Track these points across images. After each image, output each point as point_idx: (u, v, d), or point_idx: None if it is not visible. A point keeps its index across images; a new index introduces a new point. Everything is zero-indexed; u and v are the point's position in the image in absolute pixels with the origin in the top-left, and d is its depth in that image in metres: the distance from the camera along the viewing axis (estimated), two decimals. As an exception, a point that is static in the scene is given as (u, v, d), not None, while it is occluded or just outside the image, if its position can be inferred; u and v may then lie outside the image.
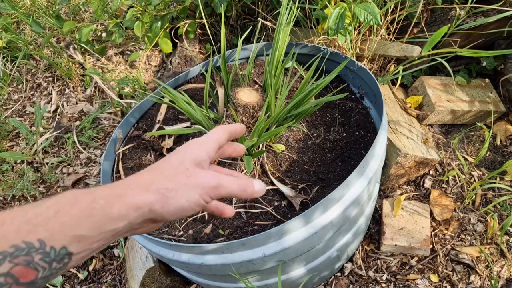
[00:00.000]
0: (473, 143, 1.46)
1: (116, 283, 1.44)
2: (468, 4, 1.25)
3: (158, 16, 1.62)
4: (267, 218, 0.94)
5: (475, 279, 1.18)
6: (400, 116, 1.41)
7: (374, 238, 1.32)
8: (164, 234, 0.97)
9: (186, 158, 0.44)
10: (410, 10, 1.36)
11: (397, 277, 1.23)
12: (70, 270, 1.50)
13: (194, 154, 0.45)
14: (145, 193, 0.40)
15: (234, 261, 0.83)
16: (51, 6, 2.19)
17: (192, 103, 0.98)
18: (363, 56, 1.45)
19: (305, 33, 1.59)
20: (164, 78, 1.85)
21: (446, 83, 1.49)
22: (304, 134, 1.09)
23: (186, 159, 0.44)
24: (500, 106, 1.45)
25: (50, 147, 1.91)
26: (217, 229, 0.95)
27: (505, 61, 1.51)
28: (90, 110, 1.99)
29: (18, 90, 2.19)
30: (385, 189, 1.41)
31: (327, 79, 0.94)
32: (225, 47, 1.05)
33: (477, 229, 1.28)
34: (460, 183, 1.38)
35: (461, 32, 1.41)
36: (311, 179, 1.01)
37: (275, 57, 1.03)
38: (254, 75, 1.28)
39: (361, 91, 1.19)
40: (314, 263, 1.01)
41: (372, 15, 1.14)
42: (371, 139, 1.05)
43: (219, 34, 1.86)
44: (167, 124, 1.23)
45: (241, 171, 0.98)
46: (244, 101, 0.94)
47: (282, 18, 1.04)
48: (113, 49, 2.05)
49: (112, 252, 1.53)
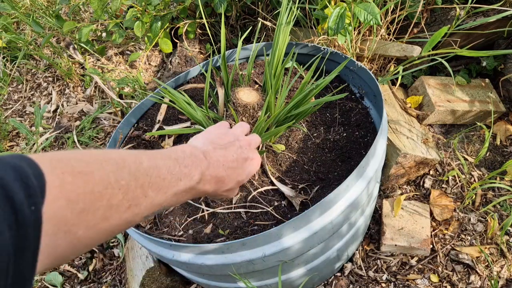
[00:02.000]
0: (473, 143, 1.46)
1: (116, 283, 1.44)
2: (468, 4, 1.25)
3: (158, 16, 1.62)
4: (267, 218, 0.94)
5: (475, 279, 1.18)
6: (400, 116, 1.41)
7: (374, 238, 1.32)
8: (164, 234, 0.97)
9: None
10: (410, 10, 1.36)
11: (397, 277, 1.23)
12: (70, 270, 1.50)
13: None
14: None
15: (234, 261, 0.83)
16: (51, 6, 2.19)
17: (192, 103, 0.98)
18: (363, 56, 1.45)
19: (305, 33, 1.59)
20: (164, 78, 1.85)
21: (446, 83, 1.49)
22: (304, 134, 1.09)
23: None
24: (500, 106, 1.45)
25: (50, 147, 1.91)
26: (217, 229, 0.95)
27: (505, 61, 1.51)
28: (90, 110, 1.99)
29: (18, 90, 2.19)
30: (385, 189, 1.41)
31: (327, 79, 0.94)
32: (225, 47, 1.05)
33: (477, 229, 1.28)
34: (460, 183, 1.38)
35: (461, 32, 1.41)
36: (311, 179, 1.01)
37: (275, 57, 1.03)
38: (254, 75, 1.28)
39: (361, 91, 1.19)
40: (314, 263, 1.01)
41: (372, 15, 1.14)
42: (371, 139, 1.05)
43: (219, 34, 1.85)
44: (167, 124, 1.23)
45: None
46: (244, 101, 0.94)
47: (282, 18, 1.04)
48: (113, 49, 2.05)
49: (112, 252, 1.53)
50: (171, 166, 0.46)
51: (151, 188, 0.42)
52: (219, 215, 0.97)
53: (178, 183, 0.46)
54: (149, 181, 0.42)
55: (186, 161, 0.48)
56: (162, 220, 1.01)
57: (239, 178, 0.59)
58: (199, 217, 1.00)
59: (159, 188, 0.43)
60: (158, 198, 0.43)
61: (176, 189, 0.46)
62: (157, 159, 0.45)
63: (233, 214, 0.96)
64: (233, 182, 0.58)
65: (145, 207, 0.41)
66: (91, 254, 1.54)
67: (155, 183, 0.43)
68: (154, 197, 0.42)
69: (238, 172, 0.58)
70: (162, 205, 0.45)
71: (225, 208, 0.97)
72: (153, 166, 0.43)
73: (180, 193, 0.47)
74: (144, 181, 0.41)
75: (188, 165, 0.48)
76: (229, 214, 0.96)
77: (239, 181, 0.59)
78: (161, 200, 0.44)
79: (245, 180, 0.61)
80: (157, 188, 0.43)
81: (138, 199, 0.40)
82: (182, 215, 1.02)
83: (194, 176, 0.49)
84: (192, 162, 0.49)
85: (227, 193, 0.59)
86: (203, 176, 0.51)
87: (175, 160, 0.47)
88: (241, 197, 0.98)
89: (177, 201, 0.47)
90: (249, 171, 0.61)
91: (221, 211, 0.97)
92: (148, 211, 0.42)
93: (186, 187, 0.47)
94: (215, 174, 0.53)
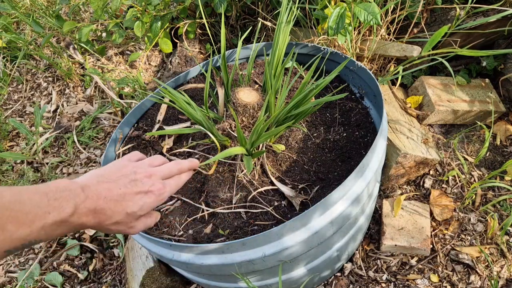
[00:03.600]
0: (473, 143, 1.46)
1: (116, 283, 1.44)
2: (468, 4, 1.25)
3: (158, 16, 1.62)
4: (267, 218, 0.94)
5: (475, 279, 1.18)
6: (400, 116, 1.41)
7: (374, 238, 1.32)
8: (164, 234, 0.97)
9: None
10: (410, 10, 1.36)
11: (397, 277, 1.23)
12: (70, 270, 1.51)
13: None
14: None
15: (234, 261, 0.83)
16: (51, 6, 2.20)
17: (192, 103, 0.98)
18: (363, 56, 1.45)
19: (305, 33, 1.60)
20: (164, 78, 1.85)
21: (446, 83, 1.49)
22: (304, 134, 1.09)
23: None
24: (500, 106, 1.45)
25: (50, 147, 1.91)
26: (217, 229, 0.95)
27: (505, 61, 1.51)
28: (90, 110, 1.99)
29: (18, 90, 2.19)
30: (385, 189, 1.41)
31: (327, 79, 0.94)
32: (225, 47, 1.05)
33: (477, 229, 1.28)
34: (460, 183, 1.38)
35: (461, 32, 1.41)
36: (311, 179, 1.01)
37: (275, 57, 1.03)
38: (254, 75, 1.28)
39: (361, 91, 1.19)
40: (314, 263, 1.01)
41: (372, 15, 1.14)
42: (371, 139, 1.05)
43: (219, 34, 1.85)
44: (167, 124, 1.23)
45: (241, 171, 0.98)
46: (244, 101, 0.94)
47: (282, 18, 1.04)
48: (113, 49, 2.05)
49: (112, 252, 1.53)
50: (38, 200, 0.46)
51: (11, 223, 0.43)
52: (219, 215, 0.97)
53: (46, 216, 0.46)
54: (8, 215, 0.43)
55: (57, 195, 0.48)
56: (162, 220, 1.01)
57: (128, 210, 0.56)
58: (199, 217, 1.00)
59: (21, 222, 0.44)
60: (19, 232, 0.44)
61: (43, 223, 0.46)
62: (22, 194, 0.45)
63: (233, 214, 0.96)
64: (121, 215, 0.56)
65: (3, 240, 0.42)
66: (91, 254, 1.54)
67: (16, 217, 0.43)
68: (14, 231, 0.43)
69: (126, 205, 0.56)
70: (27, 240, 0.45)
71: (225, 208, 0.97)
72: (16, 201, 0.44)
73: (50, 227, 0.47)
74: (2, 215, 0.42)
75: (58, 198, 0.48)
76: (229, 214, 0.96)
77: (129, 213, 0.57)
78: (24, 234, 0.44)
79: (140, 212, 0.58)
80: (19, 222, 0.43)
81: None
82: (182, 215, 1.02)
83: (66, 209, 0.48)
84: (65, 195, 0.49)
85: (117, 226, 0.57)
86: (77, 209, 0.50)
87: (45, 194, 0.47)
88: (241, 197, 0.98)
89: (48, 234, 0.47)
90: (143, 203, 0.58)
91: (221, 211, 0.97)
92: (7, 245, 0.43)
93: (56, 220, 0.47)
94: (93, 207, 0.52)
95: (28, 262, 1.57)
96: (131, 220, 0.58)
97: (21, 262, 1.57)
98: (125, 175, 0.59)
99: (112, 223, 0.55)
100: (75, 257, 1.54)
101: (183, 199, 1.04)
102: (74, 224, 0.50)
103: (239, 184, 0.99)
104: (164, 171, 0.64)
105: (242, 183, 0.98)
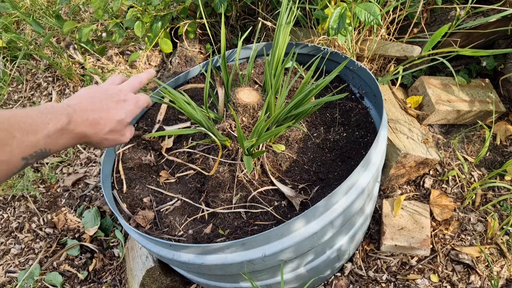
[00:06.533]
0: (473, 143, 1.46)
1: (116, 283, 1.44)
2: (468, 4, 1.25)
3: (158, 16, 1.62)
4: (267, 218, 0.94)
5: (475, 279, 1.18)
6: (400, 116, 1.41)
7: (374, 238, 1.32)
8: (164, 234, 0.97)
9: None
10: (410, 10, 1.36)
11: (397, 277, 1.23)
12: (70, 270, 1.51)
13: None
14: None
15: (234, 261, 0.83)
16: (51, 6, 2.20)
17: (192, 103, 0.98)
18: (363, 56, 1.45)
19: (305, 33, 1.60)
20: (164, 78, 1.85)
21: (446, 83, 1.49)
22: (304, 134, 1.09)
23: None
24: (500, 106, 1.45)
25: (50, 147, 1.91)
26: (217, 229, 0.95)
27: (505, 61, 1.51)
28: (90, 110, 1.99)
29: (18, 90, 2.19)
30: (385, 189, 1.41)
31: (327, 79, 0.94)
32: (225, 47, 1.05)
33: (477, 229, 1.28)
34: (460, 183, 1.38)
35: (461, 32, 1.41)
36: (311, 179, 1.01)
37: (275, 57, 1.03)
38: (254, 75, 1.28)
39: (361, 91, 1.19)
40: (314, 263, 1.01)
41: (373, 16, 1.14)
42: (371, 139, 1.05)
43: (219, 34, 1.85)
44: (167, 124, 1.23)
45: (241, 171, 0.98)
46: (244, 101, 0.94)
47: (282, 18, 1.04)
48: (113, 49, 2.06)
49: (112, 252, 1.53)
50: (34, 115, 0.51)
51: (19, 131, 0.48)
52: (219, 215, 0.97)
53: (46, 126, 0.52)
54: (13, 126, 0.48)
55: (48, 110, 0.54)
56: (162, 220, 1.01)
57: (117, 117, 0.64)
58: (199, 217, 1.00)
59: (27, 131, 0.49)
60: (28, 139, 0.49)
61: (46, 131, 0.51)
62: (17, 113, 0.50)
63: (233, 214, 0.96)
64: (112, 122, 0.63)
65: (16, 146, 0.47)
66: (91, 254, 1.54)
67: (21, 128, 0.48)
68: (23, 139, 0.48)
69: (114, 113, 0.64)
70: (38, 147, 0.50)
71: (225, 208, 0.97)
72: (16, 115, 0.49)
73: (53, 134, 0.52)
74: (8, 126, 0.47)
75: (52, 112, 0.54)
76: (229, 214, 0.96)
77: (119, 120, 0.65)
78: (33, 141, 0.50)
79: (127, 119, 0.67)
80: (25, 131, 0.49)
81: (6, 140, 0.46)
82: (182, 215, 1.02)
83: (61, 119, 0.54)
84: (57, 110, 0.55)
85: (113, 135, 0.64)
86: (72, 119, 0.56)
87: (38, 111, 0.52)
88: (241, 197, 0.98)
89: (55, 143, 0.53)
90: (127, 110, 0.67)
91: (221, 211, 0.97)
92: (21, 151, 0.48)
93: (57, 127, 0.53)
94: (85, 117, 0.59)
95: (28, 262, 1.57)
96: (121, 128, 0.66)
97: (21, 262, 1.58)
98: (99, 92, 0.66)
99: (107, 132, 0.63)
100: (75, 257, 1.54)
101: (183, 199, 1.04)
102: (75, 133, 0.57)
103: (239, 184, 0.99)
104: (128, 84, 0.73)
105: (242, 183, 0.98)
